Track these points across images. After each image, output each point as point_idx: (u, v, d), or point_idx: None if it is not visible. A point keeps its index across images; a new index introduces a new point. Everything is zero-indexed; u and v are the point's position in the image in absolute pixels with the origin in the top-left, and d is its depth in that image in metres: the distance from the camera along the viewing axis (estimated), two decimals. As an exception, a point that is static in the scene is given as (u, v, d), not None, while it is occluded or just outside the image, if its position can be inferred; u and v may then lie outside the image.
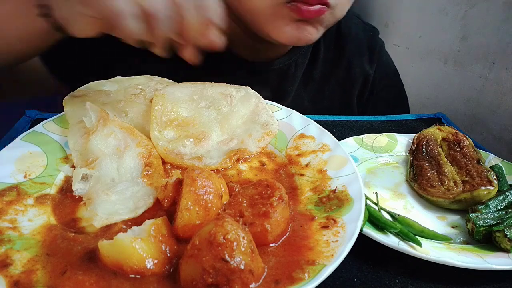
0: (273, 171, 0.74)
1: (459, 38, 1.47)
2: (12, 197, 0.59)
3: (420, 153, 0.88)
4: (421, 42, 1.68)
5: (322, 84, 1.15)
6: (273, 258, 0.53)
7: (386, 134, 0.94)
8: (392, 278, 0.60)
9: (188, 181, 0.55)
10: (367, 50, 1.18)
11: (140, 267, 0.49)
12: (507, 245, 0.63)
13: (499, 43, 1.30)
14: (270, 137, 0.78)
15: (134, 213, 0.60)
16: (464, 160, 0.83)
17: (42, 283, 0.47)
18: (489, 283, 0.62)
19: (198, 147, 0.73)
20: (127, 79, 0.83)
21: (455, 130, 0.92)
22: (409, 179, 0.83)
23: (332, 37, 1.14)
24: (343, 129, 1.00)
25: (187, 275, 0.47)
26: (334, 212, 0.61)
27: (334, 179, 0.68)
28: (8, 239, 0.53)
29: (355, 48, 1.16)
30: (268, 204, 0.55)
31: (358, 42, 1.17)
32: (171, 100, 0.77)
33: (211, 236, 0.46)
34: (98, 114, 0.70)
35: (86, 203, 0.61)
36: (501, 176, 0.81)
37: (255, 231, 0.53)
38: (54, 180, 0.65)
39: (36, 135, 0.70)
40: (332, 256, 0.52)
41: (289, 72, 1.08)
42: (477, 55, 1.39)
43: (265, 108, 0.82)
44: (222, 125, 0.78)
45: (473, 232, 0.67)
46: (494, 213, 0.69)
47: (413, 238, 0.63)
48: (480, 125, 1.39)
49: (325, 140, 0.77)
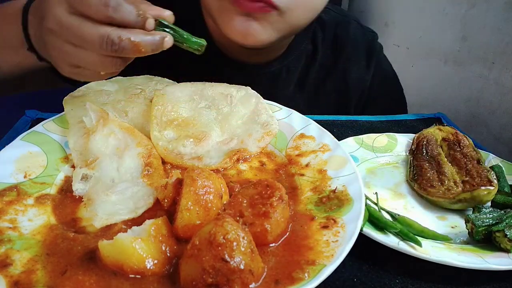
0: (273, 171, 0.74)
1: (459, 38, 1.47)
2: (12, 197, 0.59)
3: (420, 153, 0.88)
4: (421, 42, 1.68)
5: (318, 89, 1.15)
6: (273, 258, 0.53)
7: (386, 134, 0.94)
8: (392, 278, 0.60)
9: (188, 181, 0.55)
10: (365, 55, 1.17)
11: (140, 267, 0.49)
12: (507, 245, 0.63)
13: (499, 43, 1.30)
14: (270, 137, 0.78)
15: (134, 213, 0.60)
16: (464, 160, 0.83)
17: (42, 283, 0.47)
18: (489, 283, 0.62)
19: (198, 147, 0.73)
20: (127, 79, 0.83)
21: (455, 130, 0.92)
22: (409, 179, 0.83)
23: (330, 41, 1.14)
24: (343, 129, 1.00)
25: (187, 275, 0.47)
26: (334, 212, 0.61)
27: (334, 179, 0.68)
28: (8, 239, 0.53)
29: (353, 52, 1.16)
30: (268, 204, 0.55)
31: (355, 47, 1.16)
32: (171, 100, 0.77)
33: (211, 236, 0.46)
34: (98, 114, 0.70)
35: (86, 204, 0.61)
36: (501, 176, 0.81)
37: (255, 231, 0.53)
38: (54, 180, 0.65)
39: (36, 135, 0.70)
40: (332, 256, 0.52)
41: (280, 76, 1.09)
42: (477, 55, 1.39)
43: (265, 108, 0.82)
44: (222, 125, 0.78)
45: (473, 233, 0.67)
46: (493, 212, 0.69)
47: (413, 238, 0.63)
48: (480, 125, 1.39)
49: (325, 140, 0.77)
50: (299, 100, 1.13)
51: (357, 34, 1.17)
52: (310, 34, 1.11)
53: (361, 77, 1.17)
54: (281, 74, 1.08)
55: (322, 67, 1.14)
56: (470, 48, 1.43)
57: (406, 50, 1.78)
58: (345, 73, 1.16)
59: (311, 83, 1.14)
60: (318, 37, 1.12)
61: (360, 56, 1.17)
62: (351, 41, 1.15)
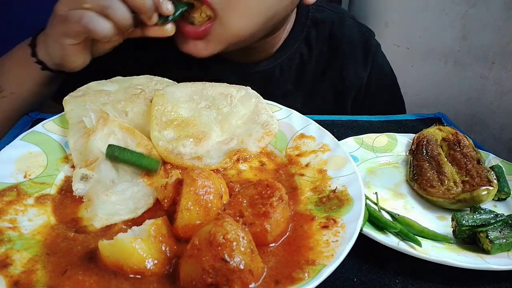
0: (273, 171, 0.74)
1: (459, 38, 1.47)
2: (12, 197, 0.59)
3: (420, 153, 0.88)
4: (421, 42, 1.68)
5: (315, 87, 1.15)
6: (273, 258, 0.53)
7: (386, 134, 0.94)
8: (392, 278, 0.61)
9: (188, 181, 0.55)
10: (361, 52, 1.17)
11: (140, 267, 0.49)
12: (488, 246, 0.64)
13: (499, 43, 1.30)
14: (270, 137, 0.78)
15: (134, 214, 0.60)
16: (464, 160, 0.83)
17: (42, 283, 0.47)
18: (489, 283, 0.62)
19: (198, 147, 0.73)
20: (127, 79, 0.83)
21: (455, 130, 0.92)
22: (409, 179, 0.83)
23: (325, 40, 1.14)
24: (343, 129, 1.00)
25: (187, 275, 0.47)
26: (334, 212, 0.61)
27: (334, 179, 0.68)
28: (8, 239, 0.53)
29: (349, 50, 1.15)
30: (268, 204, 0.55)
31: (351, 44, 1.16)
32: (171, 100, 0.77)
33: (211, 236, 0.46)
34: (98, 114, 0.70)
35: (86, 204, 0.61)
36: (501, 176, 0.81)
37: (255, 231, 0.53)
38: (54, 180, 0.65)
39: (36, 135, 0.70)
40: (332, 256, 0.52)
41: (273, 75, 1.09)
42: (477, 55, 1.39)
43: (265, 108, 0.82)
44: (222, 125, 0.78)
45: (456, 231, 0.67)
46: (483, 214, 0.69)
47: (413, 238, 0.63)
48: (480, 125, 1.39)
49: (325, 140, 0.77)
50: (297, 99, 1.13)
51: (353, 32, 1.17)
52: (303, 33, 1.11)
53: (357, 75, 1.17)
54: (274, 74, 1.09)
55: (318, 65, 1.14)
56: (470, 48, 1.43)
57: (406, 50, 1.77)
58: (342, 71, 1.15)
59: (308, 82, 1.14)
60: (312, 36, 1.12)
61: (357, 54, 1.16)
62: (347, 38, 1.15)
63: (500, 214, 0.69)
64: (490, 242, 0.64)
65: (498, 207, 0.78)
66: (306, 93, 1.15)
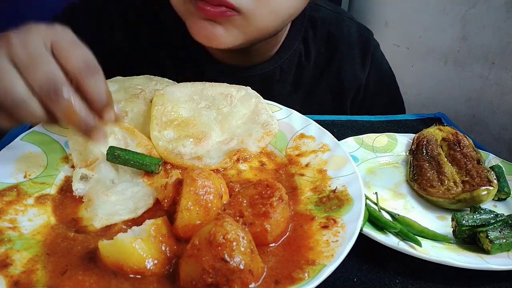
0: (273, 171, 0.74)
1: (459, 38, 1.47)
2: (12, 197, 0.59)
3: (420, 153, 0.88)
4: (421, 42, 1.68)
5: (313, 87, 1.14)
6: (273, 258, 0.53)
7: (386, 134, 0.94)
8: (392, 278, 0.61)
9: (188, 181, 0.55)
10: (359, 52, 1.16)
11: (140, 267, 0.49)
12: (488, 246, 0.64)
13: (499, 43, 1.30)
14: (270, 137, 0.78)
15: (134, 214, 0.60)
16: (464, 160, 0.83)
17: (42, 283, 0.47)
18: (489, 283, 0.62)
19: (198, 147, 0.73)
20: (127, 79, 0.83)
21: (455, 130, 0.92)
22: (409, 179, 0.83)
23: (323, 39, 1.13)
24: (343, 129, 1.00)
25: (187, 275, 0.47)
26: (334, 212, 0.61)
27: (334, 179, 0.68)
28: (8, 239, 0.53)
29: (347, 50, 1.14)
30: (268, 204, 0.55)
31: (350, 44, 1.15)
32: (171, 100, 0.77)
33: (211, 236, 0.46)
34: (98, 114, 0.70)
35: (86, 204, 0.61)
36: (501, 176, 0.81)
37: (255, 231, 0.53)
38: (54, 180, 0.65)
39: (36, 135, 0.70)
40: (332, 256, 0.52)
41: (273, 77, 1.08)
42: (477, 55, 1.39)
43: (265, 108, 0.82)
44: (222, 125, 0.78)
45: (456, 231, 0.67)
46: (483, 214, 0.69)
47: (413, 238, 0.63)
48: (480, 125, 1.39)
49: (325, 140, 0.77)
50: (295, 99, 1.13)
51: (351, 31, 1.15)
52: (301, 33, 1.10)
53: (356, 75, 1.16)
54: (274, 75, 1.08)
55: (316, 66, 1.13)
56: (470, 48, 1.43)
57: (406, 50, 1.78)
58: (340, 71, 1.14)
59: (306, 82, 1.13)
60: (309, 36, 1.11)
61: (355, 54, 1.15)
62: (346, 38, 1.14)
63: (500, 214, 0.69)
64: (490, 242, 0.64)
65: (498, 207, 0.78)
66: (304, 94, 1.14)
